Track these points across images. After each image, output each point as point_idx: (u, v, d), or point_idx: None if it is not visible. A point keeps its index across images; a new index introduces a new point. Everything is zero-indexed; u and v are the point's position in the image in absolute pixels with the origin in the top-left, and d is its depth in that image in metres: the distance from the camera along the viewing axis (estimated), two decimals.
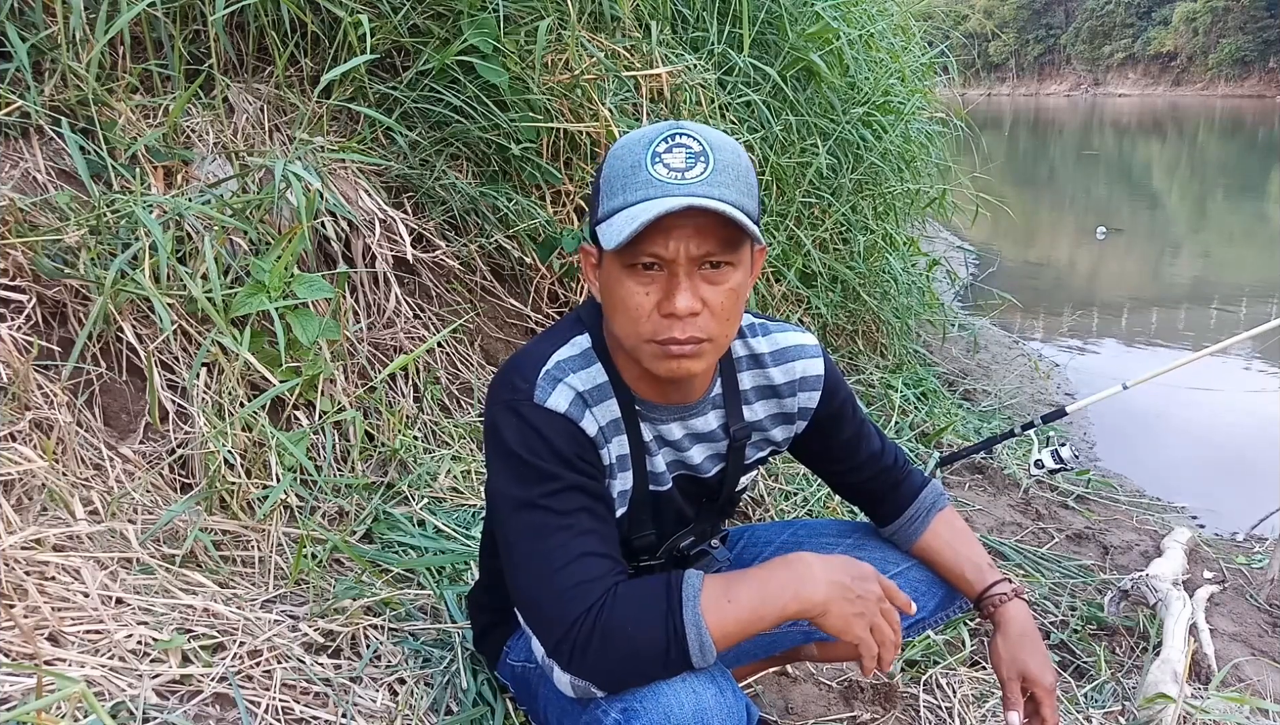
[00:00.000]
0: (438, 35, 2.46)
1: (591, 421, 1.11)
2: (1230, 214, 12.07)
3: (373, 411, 2.15)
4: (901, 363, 3.93)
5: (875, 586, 1.07)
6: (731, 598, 1.03)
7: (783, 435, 1.31)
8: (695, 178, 0.99)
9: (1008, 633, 1.28)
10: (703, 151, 1.00)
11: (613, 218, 1.01)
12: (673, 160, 1.00)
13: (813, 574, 1.04)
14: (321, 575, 1.70)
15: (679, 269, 1.01)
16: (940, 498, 1.41)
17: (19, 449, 1.49)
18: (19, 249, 1.66)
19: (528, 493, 1.06)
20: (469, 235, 2.58)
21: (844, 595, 1.04)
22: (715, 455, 1.26)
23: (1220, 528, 3.12)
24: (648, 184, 1.00)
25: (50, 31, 1.85)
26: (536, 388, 1.09)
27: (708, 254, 1.01)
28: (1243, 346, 5.00)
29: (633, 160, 1.02)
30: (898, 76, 4.11)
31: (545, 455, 1.06)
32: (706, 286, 1.03)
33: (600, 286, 1.10)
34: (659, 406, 1.18)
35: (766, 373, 1.26)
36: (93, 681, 1.23)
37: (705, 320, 1.04)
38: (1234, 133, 28.47)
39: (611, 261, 1.04)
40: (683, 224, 0.99)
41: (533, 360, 1.12)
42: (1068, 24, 72.83)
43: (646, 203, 0.98)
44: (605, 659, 1.00)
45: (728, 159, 1.02)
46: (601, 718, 1.04)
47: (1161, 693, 1.72)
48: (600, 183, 1.06)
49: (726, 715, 1.02)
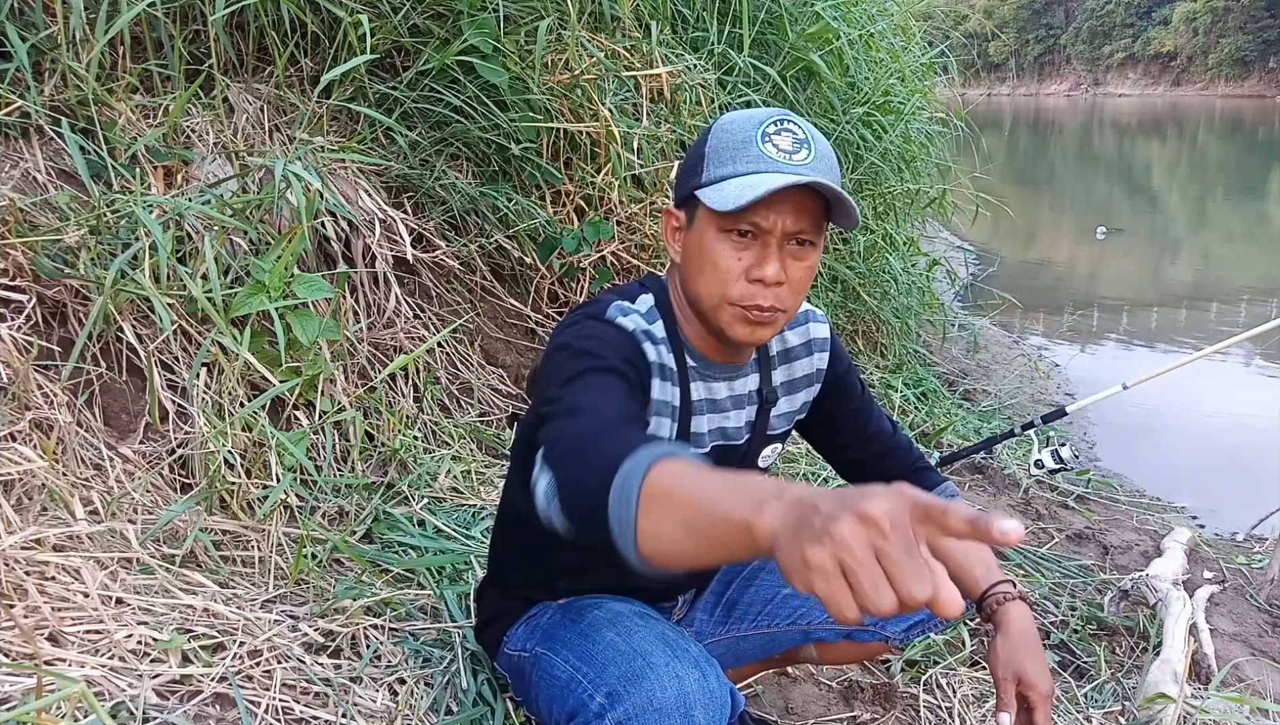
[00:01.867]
0: (438, 35, 2.46)
1: (653, 351, 1.16)
2: (1230, 214, 12.07)
3: (373, 411, 2.15)
4: (901, 363, 3.93)
5: (862, 531, 0.59)
6: (685, 487, 0.75)
7: (803, 399, 1.35)
8: (801, 161, 1.07)
9: (1008, 633, 1.28)
10: (806, 139, 1.09)
11: (722, 184, 1.08)
12: (781, 142, 1.08)
13: (776, 497, 0.67)
14: (321, 575, 1.70)
15: (773, 241, 1.09)
16: (956, 496, 1.42)
17: (19, 449, 1.49)
18: (19, 249, 1.65)
19: (576, 358, 1.06)
20: (469, 235, 2.58)
21: (801, 534, 0.63)
22: (747, 422, 1.30)
23: (1220, 528, 3.12)
24: (759, 159, 1.07)
25: (50, 31, 1.85)
26: (609, 309, 1.16)
27: (801, 231, 1.09)
28: (1243, 346, 5.01)
29: (743, 136, 1.09)
30: (898, 76, 4.11)
31: (604, 345, 1.09)
32: (791, 261, 1.11)
33: (686, 247, 1.16)
34: (713, 364, 1.24)
35: (784, 337, 1.33)
36: (93, 681, 1.23)
37: (784, 292, 1.12)
38: (1234, 133, 28.48)
39: (708, 224, 1.11)
40: (785, 201, 1.07)
41: (603, 303, 1.19)
42: (1068, 24, 72.85)
43: (760, 175, 1.06)
44: (563, 472, 0.89)
45: (824, 149, 1.10)
46: (587, 702, 1.07)
47: (1161, 693, 1.72)
48: (706, 151, 1.12)
49: (709, 700, 1.02)
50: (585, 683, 1.09)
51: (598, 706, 1.05)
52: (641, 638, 1.09)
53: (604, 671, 1.07)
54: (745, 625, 1.47)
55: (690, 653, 1.06)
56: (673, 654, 1.05)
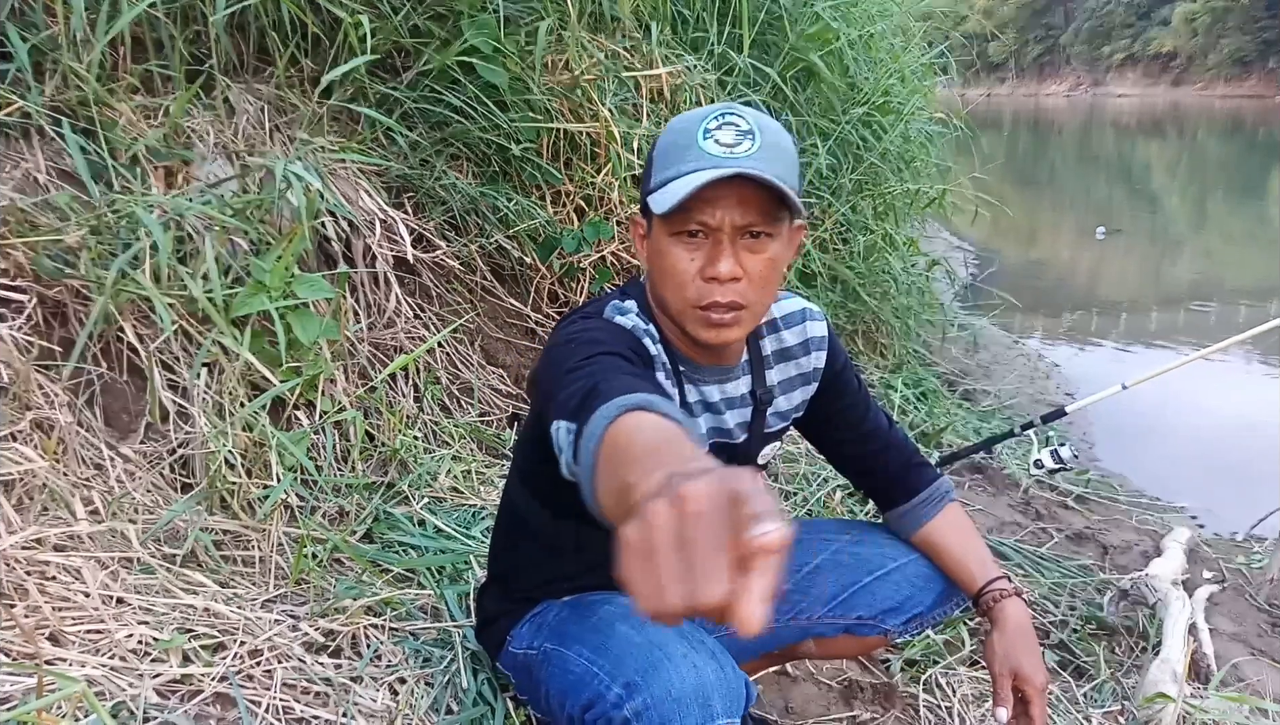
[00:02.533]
0: (438, 36, 2.46)
1: (654, 347, 1.17)
2: (1230, 214, 12.06)
3: (373, 411, 2.15)
4: (901, 363, 3.93)
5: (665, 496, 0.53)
6: (641, 438, 0.71)
7: (800, 398, 1.35)
8: (744, 152, 1.05)
9: (1004, 629, 1.29)
10: (751, 130, 1.07)
11: (666, 187, 1.08)
12: (723, 136, 1.06)
13: (670, 463, 0.60)
14: (322, 575, 1.70)
15: (723, 236, 1.08)
16: (951, 491, 1.43)
17: (19, 449, 1.49)
18: (20, 249, 1.66)
19: (580, 348, 1.03)
20: (469, 235, 2.58)
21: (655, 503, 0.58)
22: (742, 423, 1.30)
23: (1220, 528, 3.12)
24: (699, 157, 1.06)
25: (51, 32, 1.85)
26: (605, 310, 1.17)
27: (750, 224, 1.08)
28: (1242, 346, 5.00)
29: (686, 136, 1.08)
30: (898, 77, 4.11)
31: (605, 339, 1.08)
32: (747, 255, 1.09)
33: (648, 255, 1.16)
34: (702, 367, 1.24)
35: (780, 336, 1.32)
36: (93, 681, 1.23)
37: (744, 287, 1.10)
38: (1234, 133, 28.46)
39: (660, 229, 1.11)
40: (728, 194, 1.05)
41: (598, 305, 1.20)
42: (1067, 24, 72.83)
43: (697, 173, 1.04)
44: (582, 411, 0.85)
45: (773, 138, 1.08)
46: (604, 693, 1.06)
47: (1161, 692, 1.72)
48: (653, 156, 1.12)
49: (727, 690, 1.03)
50: (602, 674, 1.08)
51: (615, 697, 1.05)
52: (656, 630, 1.09)
53: (620, 663, 1.07)
54: None
55: (706, 644, 1.07)
56: (689, 645, 1.05)
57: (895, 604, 1.41)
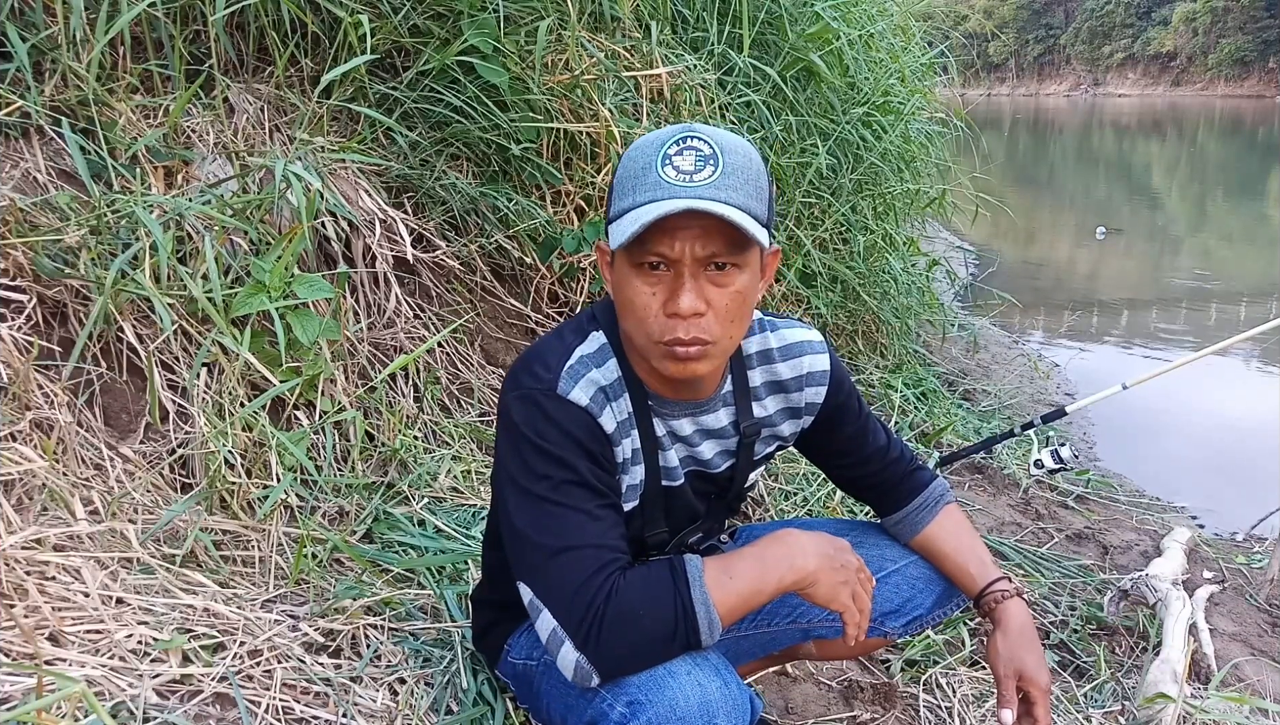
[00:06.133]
0: (438, 35, 2.46)
1: (610, 417, 1.13)
2: (1230, 214, 12.07)
3: (373, 411, 2.15)
4: (901, 363, 3.93)
5: (854, 558, 1.15)
6: (732, 574, 1.06)
7: (790, 430, 1.32)
8: (703, 180, 0.99)
9: (1007, 630, 1.28)
10: (713, 154, 1.01)
11: (621, 218, 1.02)
12: (682, 162, 1.00)
13: (803, 547, 1.11)
14: (322, 575, 1.70)
15: (684, 269, 1.02)
16: (948, 492, 1.42)
17: (19, 449, 1.49)
18: (19, 249, 1.66)
19: (539, 481, 1.07)
20: (469, 235, 2.58)
21: (830, 565, 1.11)
22: (725, 452, 1.27)
23: (1220, 528, 3.12)
24: (656, 185, 1.00)
25: (51, 32, 1.85)
26: (560, 379, 1.10)
27: (713, 255, 1.02)
28: (1243, 346, 5.01)
29: (644, 162, 1.03)
30: (898, 77, 4.11)
31: (561, 444, 1.07)
32: (712, 288, 1.04)
33: (613, 284, 1.11)
34: (671, 402, 1.20)
35: (774, 368, 1.27)
36: (93, 681, 1.23)
37: (709, 322, 1.04)
38: (1234, 133, 28.47)
39: (621, 261, 1.06)
40: (689, 225, 1.00)
41: (556, 353, 1.14)
42: (1067, 24, 72.85)
43: (653, 204, 0.99)
44: (618, 642, 1.01)
45: (738, 162, 1.02)
46: (608, 711, 1.05)
47: (1161, 692, 1.72)
48: (614, 183, 1.07)
49: (731, 707, 1.02)
50: (604, 691, 1.05)
51: (619, 715, 1.03)
52: None
53: (623, 680, 1.05)
54: (745, 625, 1.47)
55: (710, 660, 1.05)
56: (694, 662, 1.04)
57: (895, 606, 1.40)
